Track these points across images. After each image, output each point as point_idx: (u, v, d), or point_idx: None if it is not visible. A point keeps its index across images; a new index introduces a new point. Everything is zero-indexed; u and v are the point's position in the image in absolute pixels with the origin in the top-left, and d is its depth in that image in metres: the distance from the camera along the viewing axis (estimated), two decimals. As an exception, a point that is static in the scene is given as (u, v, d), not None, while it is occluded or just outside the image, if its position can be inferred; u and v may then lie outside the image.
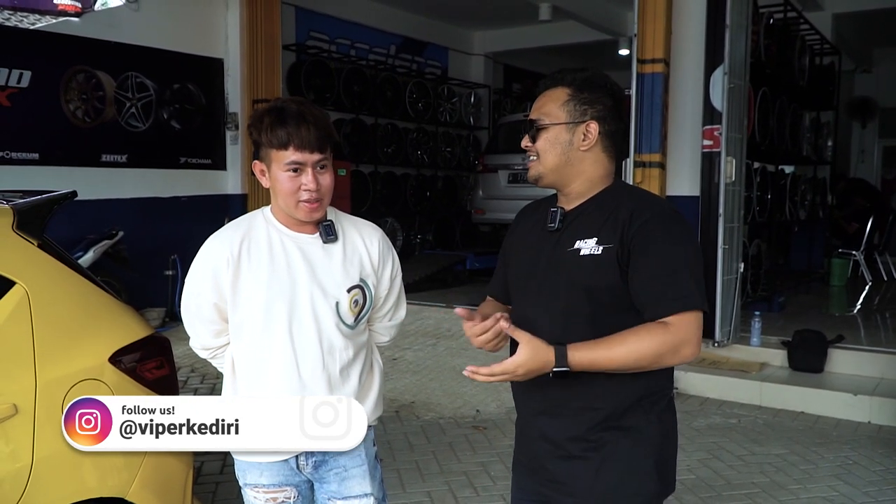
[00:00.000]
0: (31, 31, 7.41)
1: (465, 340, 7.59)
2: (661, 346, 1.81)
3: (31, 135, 7.41)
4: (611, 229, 1.91)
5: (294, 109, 2.08)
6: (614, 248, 1.89)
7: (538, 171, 2.01)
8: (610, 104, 2.00)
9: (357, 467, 2.24)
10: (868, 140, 15.05)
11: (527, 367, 1.84)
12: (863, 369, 6.17)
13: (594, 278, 1.90)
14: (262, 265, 2.14)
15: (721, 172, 6.29)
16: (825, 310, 8.73)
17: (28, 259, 2.43)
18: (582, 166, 1.99)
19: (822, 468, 4.73)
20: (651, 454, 1.96)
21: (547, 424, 2.01)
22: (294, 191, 2.09)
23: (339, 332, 2.18)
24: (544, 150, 1.98)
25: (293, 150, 2.06)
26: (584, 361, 1.83)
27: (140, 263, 7.78)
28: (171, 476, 2.63)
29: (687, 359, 1.86)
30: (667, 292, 1.84)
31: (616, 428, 1.94)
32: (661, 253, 1.86)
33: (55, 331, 2.41)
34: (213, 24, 8.99)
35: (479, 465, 4.70)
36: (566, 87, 2.00)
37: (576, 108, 1.97)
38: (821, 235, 11.32)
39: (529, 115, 2.04)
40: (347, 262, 2.20)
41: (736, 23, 6.27)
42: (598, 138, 1.98)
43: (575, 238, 1.95)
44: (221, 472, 4.45)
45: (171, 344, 2.79)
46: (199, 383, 6.30)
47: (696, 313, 1.85)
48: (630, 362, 1.82)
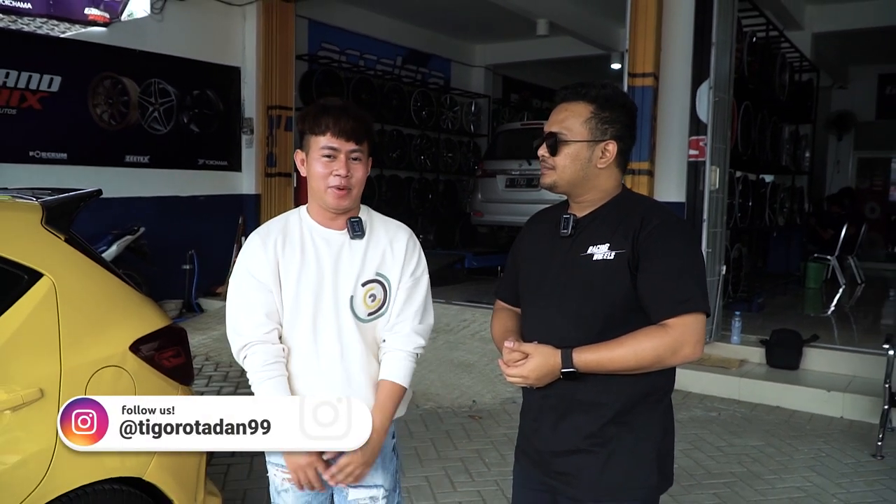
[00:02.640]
0: (61, 39, 7.43)
1: (463, 335, 7.60)
2: (659, 347, 1.81)
3: (60, 136, 7.42)
4: (622, 235, 1.90)
5: (339, 104, 2.11)
6: (626, 253, 1.88)
7: (553, 180, 1.98)
8: (627, 122, 1.98)
9: None
10: (843, 152, 15.04)
11: (538, 372, 1.87)
12: (836, 367, 6.15)
13: (607, 282, 1.89)
14: (295, 259, 2.12)
15: (706, 180, 6.28)
16: (801, 311, 8.73)
17: (55, 252, 2.43)
18: (597, 181, 1.97)
19: (797, 460, 4.73)
20: (653, 448, 1.96)
21: (556, 419, 1.98)
22: (325, 175, 2.07)
23: (355, 325, 2.13)
24: (563, 166, 1.95)
25: (329, 136, 2.06)
26: (590, 362, 1.84)
27: (160, 258, 7.79)
28: (186, 458, 2.63)
29: (687, 359, 1.84)
30: (670, 295, 1.83)
31: (622, 423, 1.93)
32: (667, 258, 1.86)
33: (79, 320, 2.40)
34: (231, 34, 8.99)
35: (474, 452, 4.69)
36: (589, 103, 1.95)
37: (597, 127, 1.94)
38: (798, 240, 11.31)
39: (549, 126, 1.99)
40: (368, 256, 2.15)
41: (721, 40, 6.26)
42: (615, 156, 1.96)
43: (588, 243, 1.94)
44: (233, 454, 4.44)
45: (188, 334, 2.79)
46: (213, 370, 6.29)
47: (697, 315, 1.84)
48: (631, 363, 1.82)
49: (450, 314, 7.66)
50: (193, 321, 7.94)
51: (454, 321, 7.53)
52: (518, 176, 10.23)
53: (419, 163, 12.20)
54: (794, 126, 10.76)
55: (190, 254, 8.45)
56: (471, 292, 8.88)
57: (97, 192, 2.78)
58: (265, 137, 8.99)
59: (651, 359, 1.82)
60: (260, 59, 8.91)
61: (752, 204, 8.59)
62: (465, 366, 6.47)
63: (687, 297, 1.83)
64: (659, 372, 1.90)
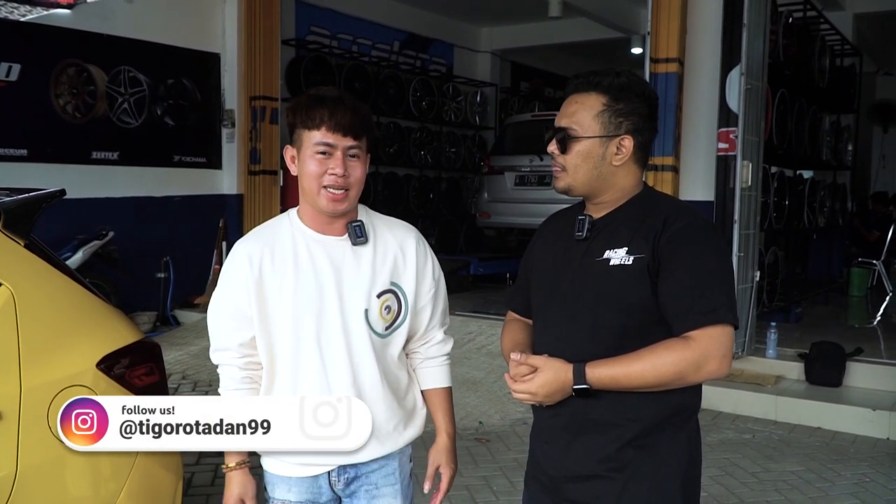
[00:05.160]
0: (20, 23, 7.44)
1: (468, 349, 7.60)
2: (681, 362, 1.79)
3: (19, 130, 7.44)
4: (642, 238, 1.88)
5: (334, 94, 2.07)
6: (645, 257, 1.86)
7: (567, 183, 1.97)
8: (645, 113, 1.95)
9: (389, 486, 2.19)
10: (889, 145, 15.04)
11: (547, 388, 1.86)
12: (882, 383, 6.15)
13: (624, 290, 1.88)
14: (287, 275, 2.09)
15: (737, 177, 6.28)
16: (844, 321, 8.72)
17: (14, 260, 2.43)
18: (614, 179, 1.96)
19: (839, 486, 4.72)
20: (678, 476, 1.93)
21: (569, 441, 1.97)
22: (320, 175, 2.03)
23: (371, 342, 2.11)
24: (575, 165, 1.94)
25: (325, 131, 2.02)
26: (605, 378, 1.82)
27: (131, 265, 7.80)
28: (160, 487, 2.63)
29: (712, 375, 1.82)
30: (693, 306, 1.81)
31: (642, 447, 1.91)
32: (692, 264, 1.84)
33: (41, 335, 2.40)
34: (209, 17, 9.02)
35: (481, 479, 4.69)
36: (601, 94, 1.93)
37: (611, 121, 1.92)
38: (840, 243, 11.30)
39: (558, 121, 1.98)
40: (378, 264, 2.13)
41: (753, 21, 6.26)
42: (632, 152, 1.95)
43: (604, 247, 1.92)
44: (212, 483, 4.44)
45: (162, 350, 2.78)
46: (190, 390, 6.30)
47: (723, 328, 1.81)
48: (650, 379, 1.81)
49: (453, 326, 7.59)
50: (168, 335, 7.94)
51: (458, 334, 7.53)
52: (528, 173, 10.24)
53: (419, 159, 12.22)
54: (836, 116, 10.78)
55: (165, 261, 8.45)
56: (477, 301, 8.89)
57: (60, 192, 2.78)
58: (248, 131, 9.01)
59: (672, 375, 1.80)
60: (242, 44, 8.93)
61: (789, 203, 8.58)
62: (471, 383, 6.47)
63: (713, 307, 1.81)
64: (683, 389, 1.88)
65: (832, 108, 10.63)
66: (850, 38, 10.74)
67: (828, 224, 10.29)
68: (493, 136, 13.12)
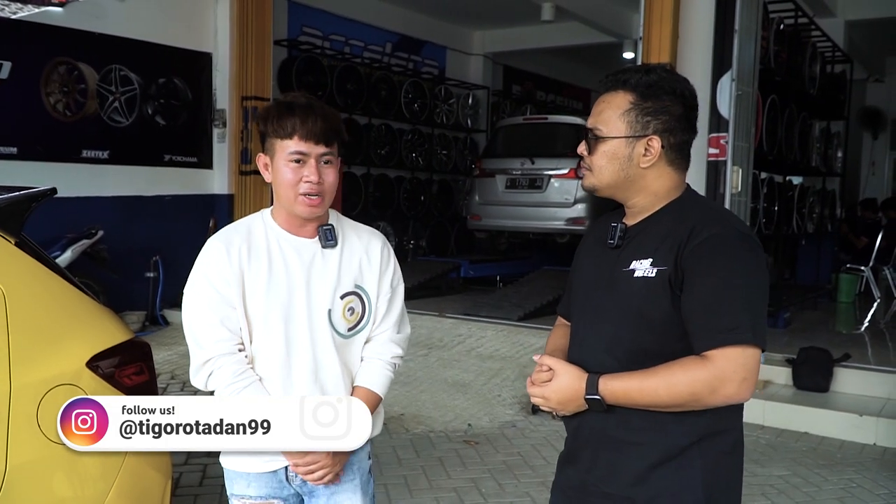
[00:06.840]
0: (11, 21, 7.41)
1: (457, 351, 7.58)
2: (696, 382, 1.70)
3: (9, 128, 7.41)
4: (668, 249, 1.79)
5: (304, 102, 2.12)
6: (668, 270, 1.77)
7: (591, 183, 1.91)
8: (679, 112, 1.86)
9: (349, 482, 2.25)
10: (879, 152, 15.12)
11: (560, 395, 1.82)
12: (869, 389, 6.18)
13: (645, 303, 1.80)
14: (262, 270, 2.15)
15: (727, 182, 6.31)
16: (832, 327, 8.76)
17: (4, 258, 2.42)
18: (643, 182, 1.87)
19: (826, 491, 4.74)
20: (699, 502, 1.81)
21: (592, 457, 1.90)
22: (295, 182, 2.10)
23: (333, 342, 2.18)
24: (600, 166, 1.87)
25: (297, 140, 2.08)
26: (618, 392, 1.76)
27: (120, 264, 7.78)
28: (148, 487, 2.62)
29: (731, 400, 1.72)
30: (712, 323, 1.71)
31: (665, 472, 1.81)
32: (713, 277, 1.73)
33: (31, 333, 2.40)
34: (201, 16, 9.00)
35: (469, 482, 4.70)
36: (629, 92, 1.85)
37: (637, 120, 1.84)
38: (829, 249, 11.36)
39: (589, 122, 1.91)
40: (343, 267, 2.20)
41: (745, 27, 6.30)
42: (661, 153, 1.86)
43: (632, 258, 1.85)
44: (201, 483, 4.44)
45: (152, 349, 2.78)
46: (179, 389, 6.29)
47: (745, 349, 1.69)
48: (664, 397, 1.72)
49: (443, 328, 7.67)
50: (158, 335, 7.93)
51: (448, 336, 7.53)
52: (520, 176, 10.26)
53: (410, 161, 12.24)
54: (826, 123, 10.83)
55: (154, 260, 8.43)
56: (467, 304, 8.89)
57: (51, 190, 2.78)
58: (239, 131, 9.01)
59: (685, 395, 1.71)
60: (234, 44, 8.93)
61: (779, 209, 8.64)
62: (460, 385, 6.47)
63: (732, 326, 1.70)
64: (714, 412, 1.77)
65: (822, 115, 10.70)
66: (841, 44, 10.79)
67: (817, 230, 10.35)
68: (485, 139, 13.14)
